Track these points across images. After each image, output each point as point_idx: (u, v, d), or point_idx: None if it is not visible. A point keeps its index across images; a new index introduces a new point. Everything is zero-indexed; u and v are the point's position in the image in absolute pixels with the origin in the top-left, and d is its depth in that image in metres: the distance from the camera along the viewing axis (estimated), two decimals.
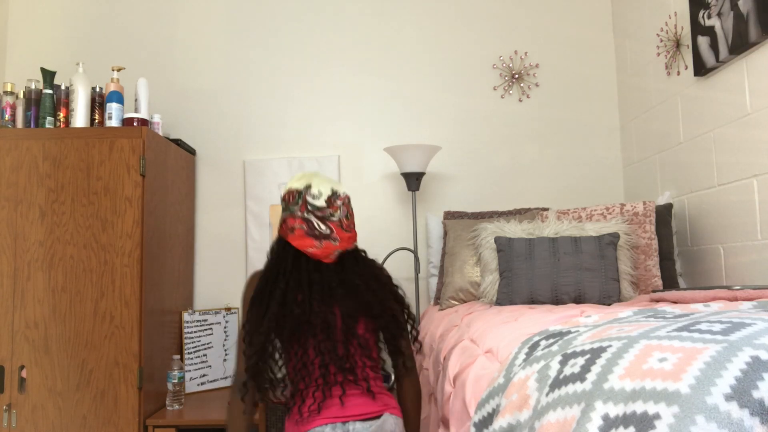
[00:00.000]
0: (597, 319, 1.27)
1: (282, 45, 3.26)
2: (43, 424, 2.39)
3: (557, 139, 3.18)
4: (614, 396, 0.84)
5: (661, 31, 2.68)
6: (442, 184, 3.18)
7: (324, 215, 1.67)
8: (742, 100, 2.13)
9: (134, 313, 2.44)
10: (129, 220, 2.48)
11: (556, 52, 3.22)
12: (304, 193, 1.68)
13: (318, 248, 1.66)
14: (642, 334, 0.95)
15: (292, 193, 1.69)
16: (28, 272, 2.46)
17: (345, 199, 1.72)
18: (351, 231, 1.71)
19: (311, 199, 1.67)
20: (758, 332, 0.86)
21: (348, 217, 1.71)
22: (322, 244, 1.66)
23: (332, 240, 1.66)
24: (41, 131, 2.52)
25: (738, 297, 1.50)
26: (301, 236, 1.66)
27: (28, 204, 2.49)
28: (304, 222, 1.66)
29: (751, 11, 1.99)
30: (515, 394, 1.07)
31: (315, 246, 1.66)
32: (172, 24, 3.27)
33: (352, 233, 1.71)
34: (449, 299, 2.51)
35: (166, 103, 3.22)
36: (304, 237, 1.65)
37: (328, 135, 3.21)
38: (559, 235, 2.33)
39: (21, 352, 2.43)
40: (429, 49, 3.24)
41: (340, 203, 1.70)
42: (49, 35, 3.27)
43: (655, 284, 2.32)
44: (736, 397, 0.73)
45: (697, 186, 2.44)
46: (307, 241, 1.65)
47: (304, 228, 1.65)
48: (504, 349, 1.41)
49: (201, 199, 3.19)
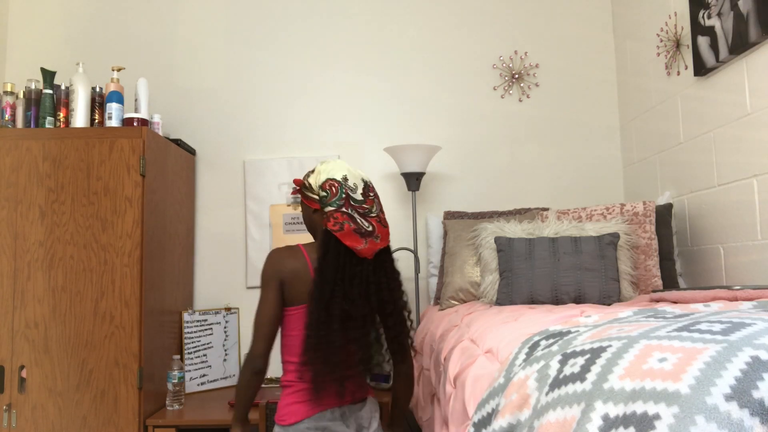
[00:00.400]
0: (597, 319, 1.27)
1: (282, 45, 3.26)
2: (43, 424, 2.39)
3: (557, 139, 3.18)
4: (614, 396, 0.84)
5: (661, 31, 2.68)
6: (442, 184, 3.18)
7: (364, 211, 1.66)
8: (742, 100, 2.13)
9: (134, 313, 2.44)
10: (129, 220, 2.48)
11: (556, 52, 3.22)
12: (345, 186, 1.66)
13: (364, 247, 1.65)
14: (642, 334, 0.95)
15: (332, 184, 1.66)
16: (28, 272, 2.46)
17: (374, 189, 1.73)
18: (387, 226, 1.72)
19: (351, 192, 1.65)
20: (758, 332, 0.86)
21: (382, 211, 1.72)
22: (367, 243, 1.66)
23: (375, 237, 1.67)
24: (41, 131, 2.52)
25: (738, 297, 1.50)
26: (350, 234, 1.64)
27: (28, 204, 2.48)
28: (350, 219, 1.64)
29: (751, 11, 1.99)
30: (515, 394, 1.07)
31: (362, 245, 1.65)
32: (172, 24, 3.27)
33: (387, 228, 1.72)
34: (449, 299, 2.51)
35: (166, 103, 3.22)
36: (352, 235, 1.64)
37: (328, 135, 3.21)
38: (559, 235, 2.33)
39: (21, 352, 2.43)
40: (429, 49, 3.24)
41: (373, 195, 1.71)
42: (49, 35, 3.27)
43: (655, 284, 2.32)
44: (736, 397, 0.73)
45: (697, 186, 2.44)
46: (355, 239, 1.64)
47: (352, 226, 1.64)
48: (504, 349, 1.41)
49: (201, 199, 3.19)
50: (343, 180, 1.67)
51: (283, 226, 3.12)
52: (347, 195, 1.65)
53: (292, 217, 3.13)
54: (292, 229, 3.13)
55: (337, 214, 1.65)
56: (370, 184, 1.73)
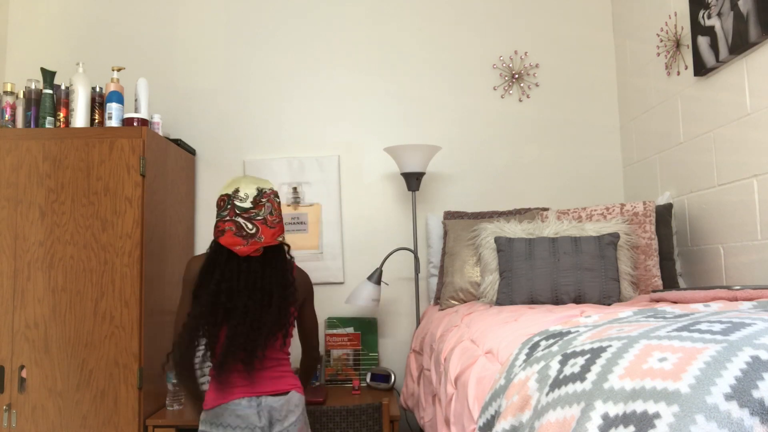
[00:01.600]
0: (597, 319, 1.27)
1: (282, 45, 3.26)
2: (43, 424, 2.39)
3: (557, 139, 3.18)
4: (614, 395, 0.84)
5: (661, 31, 2.68)
6: (442, 184, 3.18)
7: (250, 216, 1.95)
8: (742, 100, 2.13)
9: (134, 313, 2.44)
10: (129, 220, 2.48)
11: (556, 52, 3.22)
12: (233, 198, 1.96)
13: (245, 246, 1.93)
14: (642, 334, 0.95)
15: (223, 199, 1.98)
16: (28, 272, 2.46)
17: (270, 195, 2.00)
18: (275, 226, 1.98)
19: (239, 202, 1.95)
20: (758, 332, 0.86)
21: (272, 213, 1.99)
22: (248, 242, 1.93)
23: (257, 238, 1.94)
24: (41, 131, 2.52)
25: (738, 297, 1.50)
26: (230, 237, 1.93)
27: (28, 204, 2.49)
28: (233, 224, 1.94)
29: (751, 11, 2.00)
30: (516, 395, 1.07)
31: (242, 244, 1.93)
32: (172, 24, 3.27)
33: (275, 228, 1.98)
34: (449, 299, 2.51)
35: (166, 103, 3.23)
36: (232, 237, 1.93)
37: (328, 135, 3.21)
38: (559, 235, 2.33)
39: (21, 352, 2.43)
40: (429, 49, 3.24)
41: (266, 200, 1.98)
42: (49, 35, 3.27)
43: (655, 284, 2.32)
44: (736, 397, 0.73)
45: (697, 186, 2.44)
46: (236, 240, 1.93)
47: (233, 229, 1.93)
48: (504, 349, 1.41)
49: (201, 199, 3.19)
50: (234, 193, 1.96)
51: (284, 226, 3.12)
52: (233, 205, 1.95)
53: (292, 217, 3.13)
54: (291, 229, 3.13)
55: (220, 222, 1.96)
56: (266, 191, 2.00)
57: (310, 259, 3.11)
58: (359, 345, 2.95)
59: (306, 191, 3.14)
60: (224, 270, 1.93)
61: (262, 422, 1.89)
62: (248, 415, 1.89)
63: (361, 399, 2.61)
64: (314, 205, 3.14)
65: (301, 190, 3.14)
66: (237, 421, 1.89)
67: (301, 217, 3.13)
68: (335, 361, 2.94)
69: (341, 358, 2.94)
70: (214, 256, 1.97)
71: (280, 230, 2.00)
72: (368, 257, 3.14)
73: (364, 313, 3.10)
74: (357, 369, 2.94)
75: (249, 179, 2.02)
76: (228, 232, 1.93)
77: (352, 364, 2.94)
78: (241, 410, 1.89)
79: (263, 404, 1.91)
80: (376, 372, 2.84)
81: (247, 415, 1.89)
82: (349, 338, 2.96)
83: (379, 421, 2.31)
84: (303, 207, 3.14)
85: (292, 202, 3.14)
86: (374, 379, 2.83)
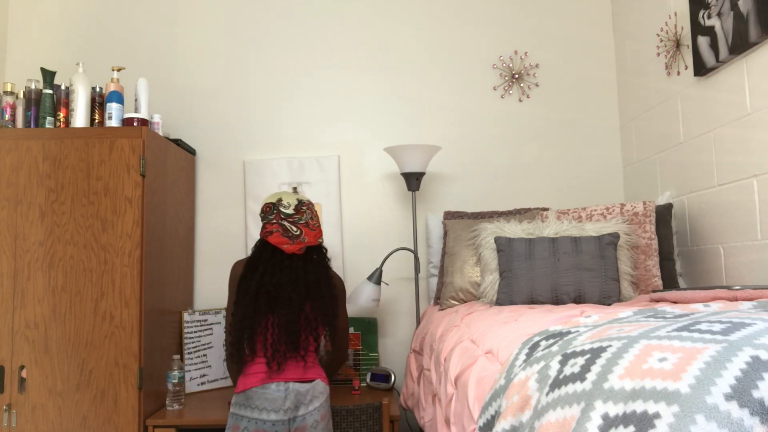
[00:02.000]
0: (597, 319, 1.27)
1: (282, 45, 3.26)
2: (43, 424, 2.39)
3: (557, 139, 3.18)
4: (614, 395, 0.84)
5: (661, 31, 2.68)
6: (442, 184, 3.18)
7: (294, 220, 2.21)
8: (742, 100, 2.13)
9: (134, 313, 2.44)
10: (129, 220, 2.48)
11: (556, 52, 3.22)
12: (277, 206, 2.23)
13: (291, 245, 2.18)
14: (642, 334, 0.95)
15: (269, 206, 2.24)
16: (28, 272, 2.46)
17: (308, 204, 2.28)
18: (316, 229, 2.24)
19: (283, 209, 2.22)
20: (758, 332, 0.86)
21: (313, 218, 2.25)
22: (294, 242, 2.18)
23: (302, 239, 2.20)
24: (41, 131, 2.52)
25: (738, 297, 1.50)
26: (277, 237, 2.18)
27: (28, 204, 2.49)
28: (279, 226, 2.19)
29: (751, 11, 2.00)
30: (516, 396, 1.07)
31: (289, 243, 2.18)
32: (172, 24, 3.27)
33: (317, 231, 2.24)
34: (449, 299, 2.51)
35: (166, 103, 3.23)
36: (280, 237, 2.18)
37: (328, 135, 3.21)
38: (559, 235, 2.33)
39: (21, 352, 2.43)
40: (429, 49, 3.24)
41: (305, 208, 2.25)
42: (49, 35, 3.27)
43: (655, 284, 2.32)
44: (736, 397, 0.73)
45: (697, 186, 2.44)
46: (283, 240, 2.18)
47: (280, 231, 2.19)
48: (504, 350, 1.41)
49: (201, 199, 3.19)
50: (278, 202, 2.23)
51: None
52: (279, 211, 2.21)
53: None
54: None
55: (267, 225, 2.21)
56: (305, 201, 2.27)
57: None
58: (359, 345, 2.95)
59: (306, 191, 3.14)
60: (267, 265, 2.15)
61: (286, 404, 2.07)
62: (276, 398, 2.06)
63: (361, 399, 2.61)
64: (314, 205, 3.14)
65: (301, 190, 3.14)
66: (265, 403, 2.07)
67: None
68: None
69: None
70: (258, 254, 2.20)
71: (320, 233, 2.26)
72: (368, 257, 3.14)
73: (364, 313, 3.10)
74: (357, 369, 2.94)
75: (288, 194, 2.30)
76: (276, 233, 2.18)
77: (352, 364, 2.94)
78: (270, 393, 2.07)
79: (290, 389, 2.08)
80: (376, 372, 2.84)
81: (275, 398, 2.06)
82: (349, 338, 2.96)
83: (379, 421, 2.31)
84: None
85: None
86: (374, 379, 2.83)
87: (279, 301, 2.11)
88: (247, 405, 2.07)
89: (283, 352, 2.09)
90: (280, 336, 2.09)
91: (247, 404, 2.07)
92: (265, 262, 2.15)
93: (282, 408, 2.06)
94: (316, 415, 2.09)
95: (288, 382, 2.09)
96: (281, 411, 2.05)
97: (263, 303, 2.10)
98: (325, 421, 2.12)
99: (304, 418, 2.08)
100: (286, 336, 2.09)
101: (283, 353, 2.09)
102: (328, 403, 2.15)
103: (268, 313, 2.11)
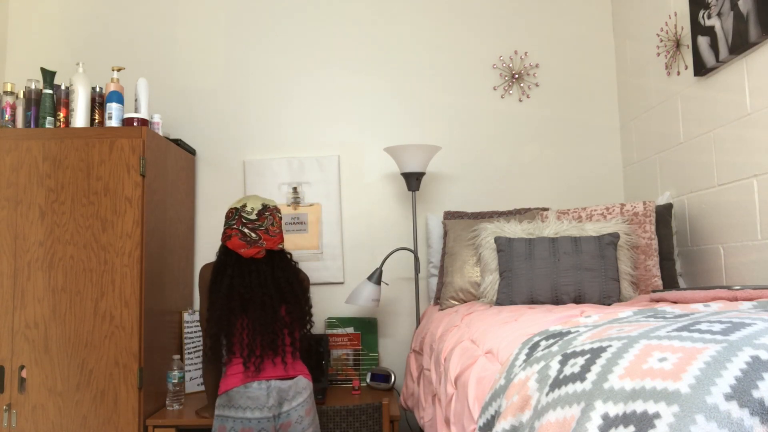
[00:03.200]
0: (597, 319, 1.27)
1: (282, 45, 3.26)
2: (43, 424, 2.39)
3: (557, 139, 3.18)
4: (614, 395, 0.84)
5: (661, 31, 2.68)
6: (442, 184, 3.18)
7: (254, 226, 2.23)
8: (742, 100, 2.13)
9: (134, 313, 2.44)
10: (129, 220, 2.48)
11: (556, 52, 3.22)
12: (240, 211, 2.25)
13: (248, 249, 2.21)
14: (642, 334, 0.95)
15: (232, 211, 2.27)
16: (28, 272, 2.46)
17: (272, 210, 2.30)
18: (276, 235, 2.27)
19: (245, 215, 2.24)
20: (758, 332, 0.86)
21: (274, 225, 2.28)
22: (251, 246, 2.21)
23: (260, 244, 2.22)
24: (41, 131, 2.52)
25: (738, 297, 1.50)
26: (236, 241, 2.21)
27: (28, 204, 2.48)
28: (239, 232, 2.22)
29: (751, 11, 2.00)
30: (516, 396, 1.07)
31: (246, 247, 2.21)
32: (172, 24, 3.27)
33: (276, 237, 2.27)
34: (449, 299, 2.51)
35: (166, 103, 3.23)
36: (238, 241, 2.21)
37: (328, 135, 3.21)
38: (559, 235, 2.33)
39: (21, 352, 2.43)
40: (429, 49, 3.24)
41: (268, 214, 2.27)
42: (49, 35, 3.27)
43: (655, 284, 2.32)
44: (736, 397, 0.73)
45: (697, 186, 2.44)
46: (241, 243, 2.21)
47: (238, 235, 2.22)
48: (504, 350, 1.41)
49: (201, 199, 3.19)
50: (241, 207, 2.26)
51: (283, 226, 3.12)
52: (240, 216, 2.24)
53: (292, 217, 3.13)
54: (292, 229, 3.13)
55: (227, 230, 2.25)
56: (269, 207, 2.29)
57: (310, 259, 3.11)
58: (359, 345, 2.95)
59: (306, 191, 3.14)
60: (235, 269, 2.20)
61: (270, 402, 2.09)
62: (258, 396, 2.09)
63: (361, 399, 2.61)
64: (314, 205, 3.14)
65: (301, 190, 3.14)
66: (248, 402, 2.09)
67: (301, 217, 3.13)
68: (335, 361, 2.94)
69: (341, 358, 2.94)
70: (224, 258, 2.23)
71: (280, 239, 2.29)
72: (368, 257, 3.14)
73: (364, 313, 3.10)
74: (357, 369, 2.94)
75: (256, 197, 2.31)
76: (234, 237, 2.21)
77: (352, 364, 2.94)
78: (252, 392, 2.09)
79: (272, 386, 2.11)
80: (376, 372, 2.84)
81: (257, 396, 2.09)
82: (349, 338, 2.96)
83: (379, 421, 2.31)
84: (303, 207, 3.14)
85: (292, 202, 3.14)
86: (374, 379, 2.83)
87: (251, 303, 2.16)
88: (230, 405, 2.10)
89: (259, 354, 2.13)
90: (255, 337, 2.13)
91: (230, 404, 2.10)
92: (233, 266, 2.20)
93: (266, 405, 2.09)
94: (301, 410, 2.13)
95: (270, 380, 2.12)
96: (265, 408, 2.08)
97: (237, 305, 2.15)
98: (310, 416, 2.15)
99: (289, 414, 2.11)
100: (261, 337, 2.13)
101: (260, 354, 2.13)
102: (312, 399, 2.19)
103: (242, 315, 2.15)
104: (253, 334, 2.14)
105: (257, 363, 2.12)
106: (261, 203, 2.29)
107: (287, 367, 2.18)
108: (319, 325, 3.08)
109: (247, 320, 2.15)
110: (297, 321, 2.22)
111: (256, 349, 2.13)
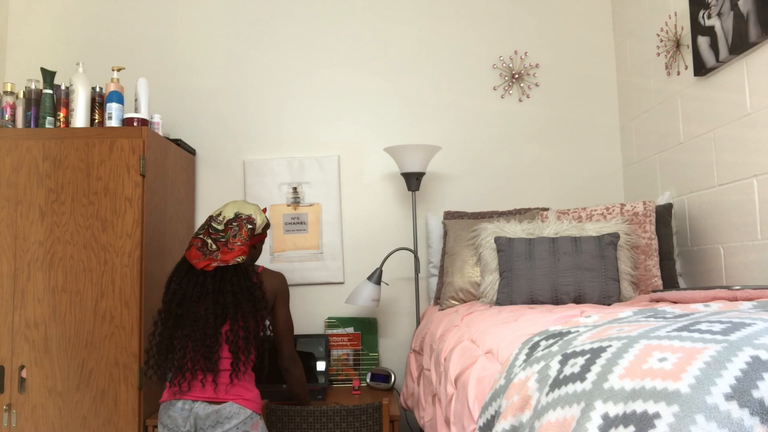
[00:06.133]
0: (597, 319, 1.27)
1: (282, 45, 3.26)
2: (43, 424, 2.39)
3: (557, 139, 3.18)
4: (614, 395, 0.84)
5: (661, 31, 2.68)
6: (442, 184, 3.18)
7: (217, 237, 2.15)
8: (742, 100, 2.13)
9: (134, 313, 2.44)
10: (129, 220, 2.48)
11: (556, 52, 3.22)
12: (213, 219, 2.20)
13: (201, 260, 2.12)
14: (642, 334, 0.95)
15: (209, 217, 2.22)
16: (28, 272, 2.46)
17: (242, 221, 2.19)
18: (234, 249, 2.14)
19: (215, 224, 2.18)
20: (758, 332, 0.86)
21: (236, 236, 2.16)
22: (205, 257, 2.12)
23: (214, 256, 2.12)
24: (41, 131, 2.52)
25: (738, 297, 1.50)
26: (194, 251, 2.14)
27: (28, 204, 2.48)
28: (201, 241, 2.15)
29: (751, 11, 2.00)
30: (516, 396, 1.07)
31: (199, 258, 2.12)
32: (172, 24, 3.27)
33: (234, 251, 2.14)
34: (449, 299, 2.51)
35: (166, 103, 3.23)
36: (195, 251, 2.13)
37: (328, 135, 3.21)
38: (559, 235, 2.33)
39: (21, 352, 2.43)
40: (429, 49, 3.24)
41: (235, 225, 2.18)
42: (49, 35, 3.27)
43: (655, 284, 2.32)
44: (736, 397, 0.73)
45: (697, 186, 2.44)
46: (197, 254, 2.13)
47: (198, 245, 2.15)
48: (504, 349, 1.41)
49: (201, 199, 3.19)
50: (216, 214, 2.20)
51: (283, 226, 3.12)
52: (209, 225, 2.18)
53: (292, 217, 3.13)
54: (291, 229, 3.13)
55: (192, 238, 2.18)
56: (242, 216, 2.20)
57: (310, 259, 3.11)
58: (359, 345, 2.95)
59: (306, 191, 3.14)
60: (182, 280, 2.11)
61: (186, 427, 1.99)
62: (176, 418, 2.01)
63: (361, 399, 2.61)
64: (314, 205, 3.14)
65: (301, 190, 3.14)
66: (167, 421, 2.03)
67: (301, 217, 3.13)
68: (335, 361, 2.94)
69: (341, 358, 2.94)
70: (177, 268, 2.17)
71: (239, 253, 2.15)
72: (368, 257, 3.14)
73: (364, 313, 3.10)
74: (357, 369, 2.94)
75: (236, 204, 2.24)
76: (193, 246, 2.15)
77: (352, 364, 2.94)
78: (174, 412, 2.02)
79: (192, 410, 2.01)
80: (376, 372, 2.84)
81: (175, 418, 2.01)
82: (349, 338, 2.96)
83: (379, 421, 2.31)
84: (303, 207, 3.14)
85: (292, 202, 3.14)
86: (374, 379, 2.83)
87: (184, 319, 2.05)
88: (160, 419, 2.07)
89: (190, 369, 2.00)
90: (186, 354, 2.02)
91: (159, 417, 2.07)
92: (181, 277, 2.12)
93: (183, 429, 1.99)
94: None
95: (195, 401, 2.02)
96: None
97: (170, 319, 2.06)
98: None
99: None
100: (193, 353, 2.01)
101: (191, 370, 2.00)
102: (248, 427, 2.01)
103: (177, 330, 2.06)
104: (184, 350, 2.02)
105: (182, 382, 2.01)
106: (235, 212, 2.21)
107: (218, 389, 2.03)
108: (319, 325, 3.08)
109: (181, 336, 2.04)
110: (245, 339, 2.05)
111: (186, 364, 2.01)
